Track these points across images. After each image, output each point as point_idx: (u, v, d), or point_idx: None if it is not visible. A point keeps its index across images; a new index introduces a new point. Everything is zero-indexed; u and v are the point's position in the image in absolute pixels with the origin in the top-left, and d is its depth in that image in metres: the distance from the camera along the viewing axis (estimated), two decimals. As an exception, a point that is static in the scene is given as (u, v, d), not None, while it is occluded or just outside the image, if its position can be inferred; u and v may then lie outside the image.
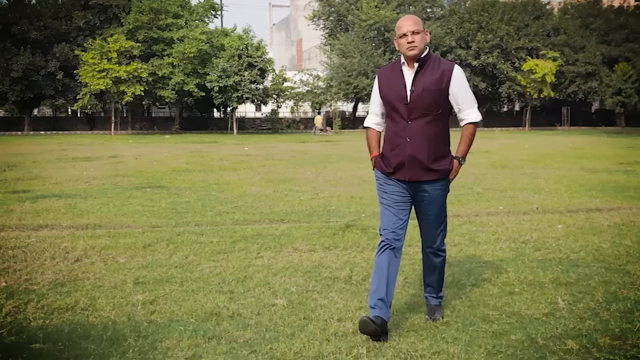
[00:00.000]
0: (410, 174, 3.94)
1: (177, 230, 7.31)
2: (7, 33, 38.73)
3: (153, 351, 3.58)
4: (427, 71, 3.92)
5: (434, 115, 3.93)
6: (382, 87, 4.07)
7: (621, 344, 3.69)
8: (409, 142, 3.93)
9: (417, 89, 3.89)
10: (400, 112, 3.95)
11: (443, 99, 3.94)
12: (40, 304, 4.45)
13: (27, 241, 6.61)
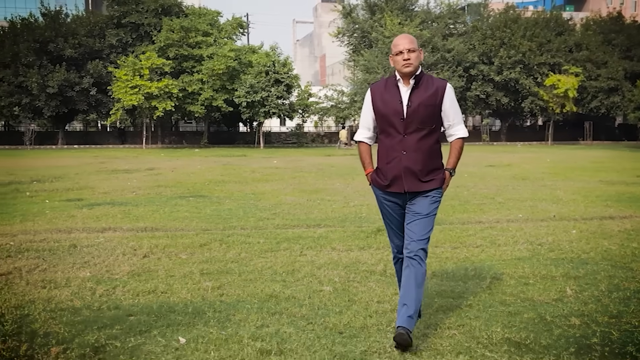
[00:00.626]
0: (406, 186, 4.11)
1: (226, 232, 8.13)
2: (44, 51, 40.23)
3: (229, 322, 4.39)
4: (422, 88, 4.09)
5: (428, 130, 4.12)
6: (376, 102, 4.19)
7: (616, 321, 4.41)
8: (404, 155, 4.09)
9: (413, 104, 4.06)
10: (396, 127, 4.10)
11: (437, 114, 4.15)
12: (125, 288, 5.29)
13: (97, 241, 7.48)
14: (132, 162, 25.27)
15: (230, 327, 4.28)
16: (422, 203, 4.13)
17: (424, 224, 4.09)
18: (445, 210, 10.04)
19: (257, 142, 44.09)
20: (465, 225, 8.68)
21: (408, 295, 3.96)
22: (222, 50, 38.82)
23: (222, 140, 47.62)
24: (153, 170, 20.27)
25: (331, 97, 47.14)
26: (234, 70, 39.09)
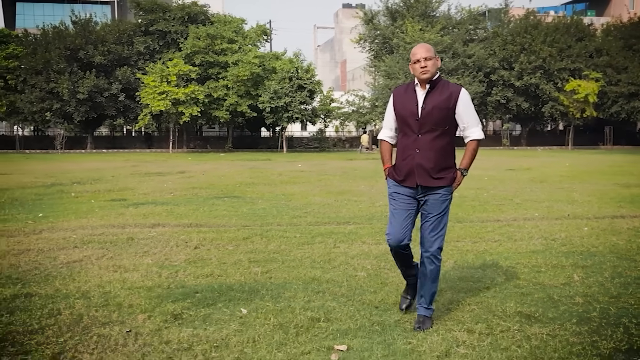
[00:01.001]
0: (418, 180, 4.42)
1: (264, 228, 8.91)
2: (74, 58, 41.50)
3: (280, 297, 5.15)
4: (437, 92, 4.40)
5: (441, 131, 4.41)
6: (396, 105, 4.55)
7: (615, 301, 5.10)
8: (418, 152, 4.41)
9: (428, 106, 4.38)
10: (411, 127, 4.44)
11: (450, 116, 4.42)
12: (186, 272, 6.08)
13: (150, 235, 8.30)
14: (163, 165, 26.21)
15: (282, 301, 5.04)
16: (433, 203, 4.45)
17: (437, 222, 4.45)
18: (466, 209, 10.74)
19: (280, 147, 45.02)
20: (485, 223, 9.36)
21: (424, 289, 4.50)
22: (247, 57, 39.80)
23: (245, 145, 48.59)
24: (184, 173, 21.16)
25: (352, 102, 47.88)
26: (258, 76, 40.03)
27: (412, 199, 4.50)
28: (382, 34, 51.12)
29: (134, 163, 27.97)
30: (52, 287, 5.49)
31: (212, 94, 40.15)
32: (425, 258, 4.48)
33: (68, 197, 13.48)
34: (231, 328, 4.37)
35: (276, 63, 41.32)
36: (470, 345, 4.03)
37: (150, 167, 24.48)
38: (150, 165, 26.01)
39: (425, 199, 4.46)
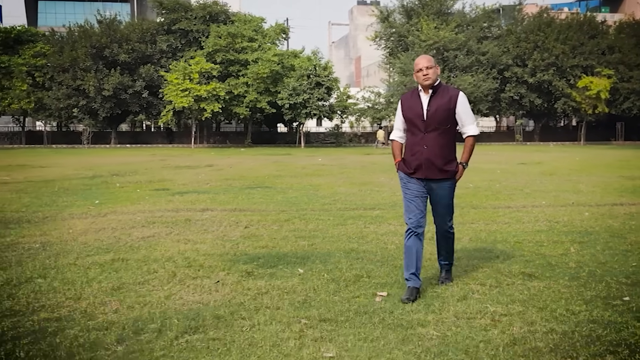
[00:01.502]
0: (426, 173, 5.13)
1: (300, 212, 10.09)
2: (100, 56, 42.93)
3: (328, 262, 6.32)
4: (439, 96, 5.09)
5: (444, 129, 5.10)
6: (404, 108, 5.23)
7: (602, 265, 6.22)
8: (425, 149, 5.09)
9: (432, 108, 5.06)
10: (418, 127, 5.13)
11: (451, 116, 5.12)
12: (245, 245, 7.28)
13: (203, 217, 9.52)
14: (189, 159, 27.49)
15: (330, 264, 6.22)
16: (441, 192, 5.21)
17: (447, 208, 5.32)
18: (480, 198, 11.88)
19: (298, 142, 46.27)
20: (496, 209, 10.49)
21: (444, 249, 5.50)
22: (267, 55, 41.03)
23: (263, 140, 49.85)
24: (213, 166, 22.41)
25: (368, 99, 48.95)
26: (277, 73, 41.24)
27: (422, 188, 5.22)
28: (397, 32, 52.12)
29: (161, 157, 29.29)
30: (140, 254, 6.72)
31: (233, 90, 41.43)
32: (441, 235, 5.45)
33: (114, 187, 14.74)
34: (294, 281, 5.57)
35: (295, 61, 42.53)
36: (482, 293, 5.19)
37: (178, 161, 25.76)
38: (177, 159, 27.29)
39: (433, 189, 5.20)
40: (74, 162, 25.10)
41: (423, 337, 4.10)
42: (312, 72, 41.63)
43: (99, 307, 4.80)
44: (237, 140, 49.81)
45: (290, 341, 4.02)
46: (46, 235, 7.99)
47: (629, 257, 6.60)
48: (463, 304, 4.85)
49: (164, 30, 45.11)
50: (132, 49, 43.18)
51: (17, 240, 7.69)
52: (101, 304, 4.88)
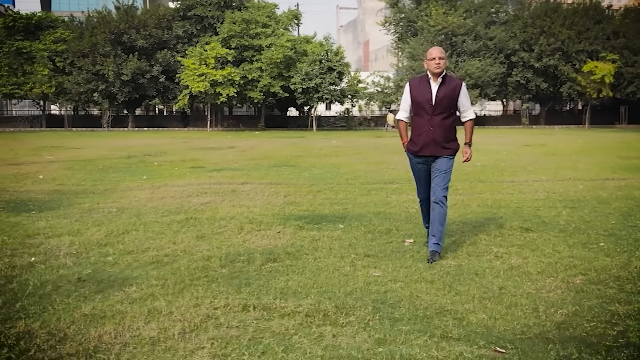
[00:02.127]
0: (431, 151, 5.85)
1: (328, 185, 11.49)
2: (118, 41, 44.28)
3: (362, 220, 7.74)
4: (446, 84, 5.78)
5: (448, 113, 5.83)
6: (413, 93, 5.90)
7: (587, 223, 7.60)
8: (432, 129, 5.81)
9: (440, 95, 5.76)
10: (426, 110, 5.81)
11: (455, 103, 5.84)
12: (289, 209, 8.70)
13: (245, 189, 10.95)
14: (210, 142, 28.91)
15: (364, 222, 7.64)
16: (441, 163, 5.87)
17: (444, 177, 5.87)
18: (487, 174, 13.27)
19: (310, 125, 47.67)
20: (501, 183, 11.88)
21: (435, 230, 5.83)
22: (280, 40, 42.30)
23: (276, 124, 51.22)
24: (234, 148, 23.83)
25: (378, 83, 50.16)
26: (290, 59, 42.52)
27: (427, 167, 5.99)
28: (406, 17, 53.18)
29: (182, 140, 30.72)
30: (207, 214, 8.17)
31: (247, 75, 42.76)
32: (435, 203, 5.89)
33: (152, 165, 16.19)
34: (338, 232, 7.00)
35: (307, 46, 43.78)
36: (488, 240, 6.60)
37: (200, 143, 27.18)
38: (198, 142, 28.72)
39: (436, 162, 5.92)
40: (103, 144, 26.57)
41: (444, 266, 5.53)
42: (324, 58, 42.94)
43: (194, 247, 6.25)
44: (249, 123, 51.20)
45: (346, 267, 5.45)
46: (118, 202, 9.44)
47: (610, 217, 7.99)
48: (473, 247, 6.27)
49: (179, 16, 46.38)
50: (149, 35, 44.48)
51: (94, 206, 9.14)
52: (194, 245, 6.33)
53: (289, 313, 4.20)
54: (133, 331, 3.87)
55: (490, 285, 4.91)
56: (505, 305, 4.40)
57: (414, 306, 4.36)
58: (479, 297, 4.58)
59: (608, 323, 4.03)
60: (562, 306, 4.37)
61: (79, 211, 8.65)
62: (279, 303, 4.41)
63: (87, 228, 7.30)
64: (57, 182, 12.20)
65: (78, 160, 17.77)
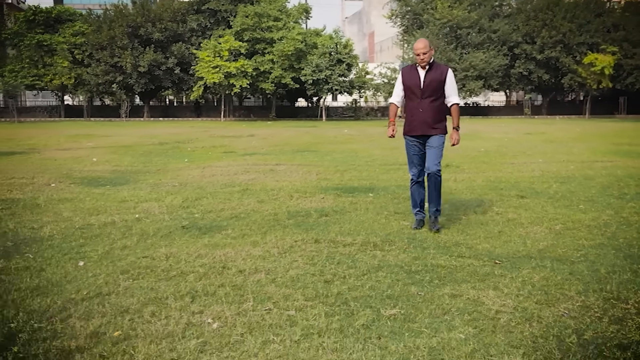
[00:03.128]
0: (422, 130, 6.42)
1: (351, 166, 13.18)
2: (135, 35, 45.93)
3: (387, 191, 9.44)
4: (433, 71, 6.36)
5: (436, 96, 6.38)
6: (404, 79, 6.51)
7: (573, 192, 9.28)
8: (421, 112, 6.39)
9: (427, 80, 6.33)
10: (416, 94, 6.40)
11: (441, 87, 6.36)
12: (325, 183, 10.39)
13: (281, 169, 12.64)
14: (228, 131, 30.59)
15: (389, 192, 9.32)
16: (433, 140, 6.42)
17: (437, 152, 6.41)
18: (490, 157, 14.94)
19: (319, 115, 49.36)
20: (502, 164, 13.55)
21: (432, 197, 6.53)
22: (291, 33, 43.93)
23: (286, 114, 52.88)
24: (254, 136, 25.51)
25: (384, 74, 51.74)
26: (301, 51, 44.14)
27: (420, 147, 6.53)
28: (412, 10, 54.71)
29: (201, 129, 32.41)
30: (257, 187, 9.88)
31: (259, 67, 44.41)
32: (429, 175, 6.47)
33: (186, 150, 17.89)
34: (370, 199, 8.70)
35: (317, 39, 45.38)
36: (489, 204, 8.28)
37: (220, 132, 28.87)
38: (217, 131, 30.41)
39: (428, 141, 6.48)
40: (130, 132, 28.28)
41: (456, 218, 7.21)
42: (334, 50, 44.57)
43: (259, 208, 7.96)
44: (259, 114, 52.85)
45: (382, 219, 7.16)
46: (176, 179, 11.14)
47: (591, 189, 9.67)
48: (479, 207, 7.96)
49: (193, 9, 48.00)
50: (165, 28, 46.10)
51: (158, 182, 10.85)
52: (259, 207, 8.04)
53: (349, 244, 5.92)
54: (245, 253, 5.58)
55: (492, 229, 6.61)
56: (503, 241, 6.10)
57: (437, 241, 6.07)
58: (484, 237, 6.28)
59: (575, 249, 5.73)
60: (543, 241, 6.08)
61: (147, 185, 10.37)
62: (339, 238, 6.13)
63: (165, 197, 9.01)
64: (112, 164, 13.93)
65: (116, 146, 19.48)
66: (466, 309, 4.09)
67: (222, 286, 4.58)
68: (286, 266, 5.13)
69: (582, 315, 3.99)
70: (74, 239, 6.24)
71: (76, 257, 5.49)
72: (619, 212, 7.57)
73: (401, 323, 3.84)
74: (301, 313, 4.00)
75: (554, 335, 3.65)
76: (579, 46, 49.70)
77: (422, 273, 4.94)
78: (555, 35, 49.27)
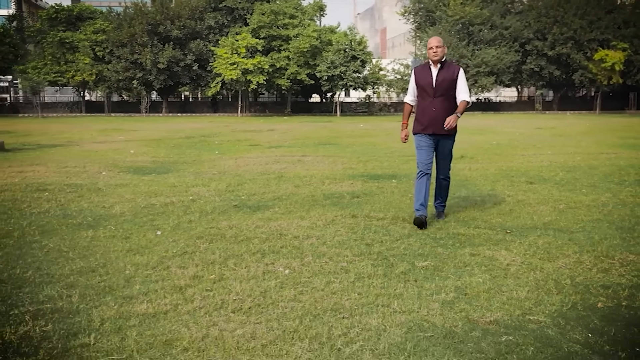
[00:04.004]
0: (434, 129, 6.41)
1: (373, 157, 14.20)
2: (155, 32, 47.16)
3: (409, 178, 10.45)
4: (445, 69, 6.36)
5: (448, 95, 6.37)
6: (417, 78, 6.47)
7: (576, 179, 10.27)
8: (434, 110, 6.38)
9: (439, 79, 6.33)
10: (428, 93, 6.39)
11: (453, 86, 6.35)
12: (350, 171, 11.42)
13: (308, 159, 13.68)
14: (248, 126, 31.68)
15: (411, 178, 10.31)
16: (444, 145, 6.56)
17: (447, 156, 6.70)
18: (502, 149, 15.92)
19: (334, 111, 50.40)
20: (514, 155, 14.51)
21: (442, 194, 6.90)
22: (306, 30, 45.00)
23: (300, 110, 53.96)
24: (274, 130, 26.57)
25: (397, 71, 52.67)
26: (316, 48, 45.19)
27: (431, 141, 6.55)
28: (425, 7, 55.58)
29: (222, 124, 33.52)
30: (290, 174, 10.92)
31: (275, 64, 45.51)
32: (441, 179, 6.81)
33: (213, 144, 18.95)
34: (394, 184, 9.72)
35: (332, 36, 46.41)
36: (502, 188, 9.26)
37: (240, 127, 29.96)
38: (237, 125, 31.50)
39: (440, 143, 6.55)
40: (155, 127, 29.43)
41: (472, 199, 8.23)
42: (348, 47, 45.57)
43: (297, 191, 9.00)
44: (274, 109, 53.95)
45: (406, 200, 8.17)
46: (214, 168, 12.20)
47: (594, 177, 10.62)
48: (492, 191, 8.96)
49: (211, 7, 49.15)
50: (183, 26, 47.29)
51: (198, 170, 11.91)
52: (296, 190, 9.08)
53: (381, 218, 6.95)
54: (295, 224, 6.63)
55: (504, 208, 7.62)
56: (513, 217, 7.10)
57: (456, 217, 7.08)
58: (497, 213, 7.29)
59: (575, 223, 6.73)
60: (548, 217, 7.08)
61: (189, 173, 11.44)
62: (372, 214, 7.16)
63: (209, 182, 10.07)
64: (149, 156, 15.02)
65: (147, 140, 20.60)
66: (483, 262, 5.12)
67: (283, 247, 5.63)
68: (332, 234, 6.17)
69: (576, 267, 5.00)
70: (144, 215, 7.29)
71: (152, 229, 6.55)
72: (616, 195, 8.55)
73: (432, 271, 4.88)
74: (352, 265, 5.04)
75: (552, 279, 4.67)
76: (589, 42, 50.40)
77: (446, 239, 5.96)
78: (566, 32, 50.00)
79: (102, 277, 4.75)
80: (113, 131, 25.70)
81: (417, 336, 3.59)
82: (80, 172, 11.39)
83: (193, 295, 4.29)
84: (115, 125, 31.09)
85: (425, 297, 4.26)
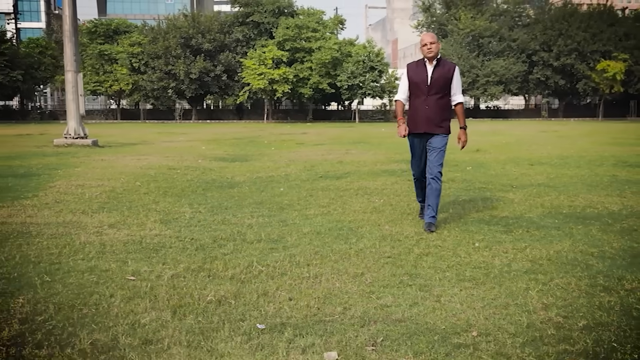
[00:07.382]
0: (426, 128, 6.26)
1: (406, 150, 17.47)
2: (187, 45, 50.86)
3: (438, 163, 13.76)
4: (441, 67, 6.21)
5: (443, 94, 6.24)
6: (410, 75, 6.30)
7: (569, 163, 13.55)
8: (427, 109, 6.22)
9: (434, 76, 6.18)
10: (422, 90, 6.21)
11: (448, 84, 6.22)
12: (378, 165, 14.75)
13: (352, 152, 17.00)
14: (279, 130, 35.01)
15: (440, 163, 13.63)
16: (436, 141, 6.29)
17: (439, 154, 6.31)
18: (510, 147, 19.20)
19: (353, 118, 53.85)
20: (520, 149, 17.75)
21: (431, 201, 6.25)
22: (328, 43, 48.52)
23: (320, 117, 57.40)
24: (306, 134, 29.88)
25: (411, 80, 55.98)
26: (337, 59, 48.68)
27: (422, 144, 6.43)
28: (437, 21, 59.03)
29: (257, 128, 36.87)
30: (347, 160, 14.24)
31: (299, 74, 49.01)
32: (431, 179, 6.30)
33: (263, 143, 22.25)
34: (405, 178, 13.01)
35: (351, 48, 49.93)
36: (506, 171, 12.55)
37: (273, 131, 33.30)
38: (270, 130, 34.85)
39: (431, 140, 6.34)
40: (197, 131, 32.82)
41: (484, 180, 11.52)
42: (367, 58, 49.07)
43: (357, 170, 12.31)
44: (296, 116, 57.39)
45: (442, 174, 11.48)
46: (282, 158, 15.49)
47: (581, 160, 13.86)
48: (501, 170, 12.24)
49: (238, 22, 52.80)
50: (213, 39, 50.91)
51: (272, 158, 15.21)
52: (356, 170, 12.39)
53: (427, 181, 10.26)
54: (371, 184, 9.94)
55: (510, 176, 10.90)
56: (517, 181, 10.36)
57: (479, 180, 10.37)
58: (505, 179, 10.55)
59: (559, 182, 10.01)
60: (542, 180, 10.35)
61: (266, 161, 14.74)
62: (421, 179, 10.48)
63: (288, 165, 13.37)
64: (220, 151, 18.31)
65: (204, 140, 23.95)
66: (500, 199, 8.43)
67: (372, 192, 8.97)
68: (398, 188, 9.50)
69: (553, 201, 8.30)
70: (260, 182, 10.58)
71: (275, 187, 9.85)
72: (593, 171, 11.85)
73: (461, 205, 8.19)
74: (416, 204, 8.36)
75: (539, 205, 7.98)
76: (592, 54, 53.67)
77: (473, 190, 9.27)
78: (571, 44, 53.31)
79: (283, 199, 8.09)
80: (168, 134, 29.09)
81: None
82: (184, 160, 14.70)
83: (335, 208, 7.64)
84: (164, 130, 34.51)
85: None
